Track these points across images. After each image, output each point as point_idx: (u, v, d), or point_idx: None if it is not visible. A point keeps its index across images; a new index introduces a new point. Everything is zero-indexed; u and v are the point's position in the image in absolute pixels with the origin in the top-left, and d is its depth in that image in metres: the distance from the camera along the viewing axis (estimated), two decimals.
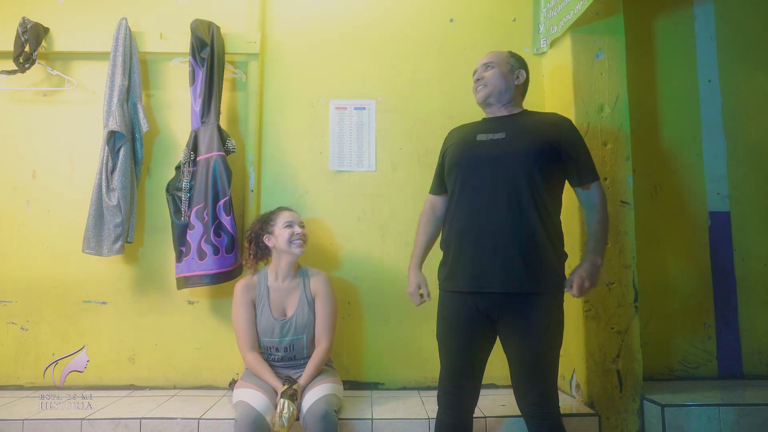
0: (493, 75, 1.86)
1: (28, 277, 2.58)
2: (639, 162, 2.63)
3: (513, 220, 1.67)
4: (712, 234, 2.75)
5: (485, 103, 1.89)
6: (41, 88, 2.67)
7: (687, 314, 2.70)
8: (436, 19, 2.77)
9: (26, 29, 2.52)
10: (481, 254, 1.70)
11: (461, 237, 1.76)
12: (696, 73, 2.83)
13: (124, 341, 2.57)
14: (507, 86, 1.85)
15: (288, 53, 2.73)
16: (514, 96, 1.87)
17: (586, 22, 2.41)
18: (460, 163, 1.82)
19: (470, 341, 1.75)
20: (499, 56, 1.90)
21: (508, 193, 1.69)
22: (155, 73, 2.70)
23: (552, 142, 1.73)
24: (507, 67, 1.87)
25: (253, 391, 1.96)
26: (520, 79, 1.89)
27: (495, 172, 1.73)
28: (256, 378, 2.07)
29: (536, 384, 1.68)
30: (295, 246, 2.16)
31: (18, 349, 2.56)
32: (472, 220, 1.74)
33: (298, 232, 2.17)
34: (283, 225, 2.18)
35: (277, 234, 2.18)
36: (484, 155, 1.77)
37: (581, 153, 1.78)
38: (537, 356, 1.67)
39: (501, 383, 2.55)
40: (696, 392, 2.35)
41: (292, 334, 2.12)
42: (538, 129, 1.78)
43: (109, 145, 2.44)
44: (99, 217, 2.43)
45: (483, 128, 1.86)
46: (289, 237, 2.15)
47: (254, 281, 2.20)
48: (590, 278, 1.70)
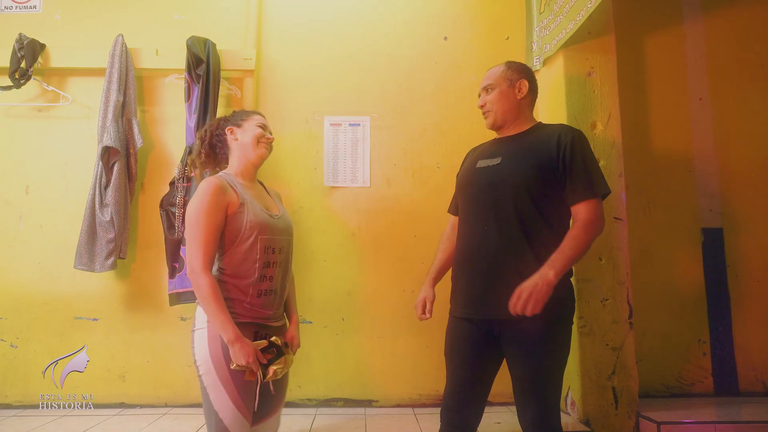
0: (494, 99, 1.82)
1: (18, 293, 2.56)
2: (632, 178, 2.64)
3: (503, 248, 1.67)
4: (705, 250, 2.76)
5: (494, 127, 1.87)
6: (36, 104, 2.67)
7: (681, 330, 2.70)
8: (430, 37, 2.80)
9: (23, 45, 2.53)
10: (473, 282, 1.72)
11: (457, 263, 1.80)
12: (687, 91, 2.86)
13: (115, 358, 2.54)
14: (510, 105, 1.81)
15: (283, 70, 2.75)
16: (521, 110, 1.82)
17: (579, 41, 2.44)
18: (461, 190, 1.87)
19: (473, 360, 1.73)
20: (497, 73, 1.85)
21: (499, 220, 1.69)
22: (150, 89, 2.71)
23: (548, 161, 1.68)
24: (506, 83, 1.82)
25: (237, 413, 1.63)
26: (522, 91, 1.81)
27: (488, 199, 1.73)
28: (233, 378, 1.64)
29: (535, 403, 1.65)
30: (262, 147, 1.86)
31: (7, 367, 2.52)
32: (467, 247, 1.77)
33: (270, 136, 1.89)
34: (256, 123, 1.88)
35: (246, 128, 1.86)
36: (480, 182, 1.78)
37: (576, 170, 1.67)
38: (536, 376, 1.65)
39: (496, 401, 2.52)
40: (692, 409, 2.34)
41: (288, 234, 1.85)
42: (536, 149, 1.72)
43: (103, 161, 2.44)
44: (92, 233, 2.41)
45: (486, 153, 1.86)
46: (259, 136, 1.85)
47: (226, 181, 1.74)
48: (530, 291, 1.52)
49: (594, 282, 2.32)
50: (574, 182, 1.67)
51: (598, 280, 2.33)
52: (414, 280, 2.56)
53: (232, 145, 1.87)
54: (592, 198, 1.65)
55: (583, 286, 2.32)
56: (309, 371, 2.56)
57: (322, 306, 2.60)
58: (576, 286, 2.32)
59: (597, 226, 1.64)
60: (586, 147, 1.70)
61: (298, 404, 2.54)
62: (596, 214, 1.65)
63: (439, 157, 2.69)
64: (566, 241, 1.60)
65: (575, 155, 1.67)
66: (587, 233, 1.61)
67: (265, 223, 1.75)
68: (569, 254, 1.57)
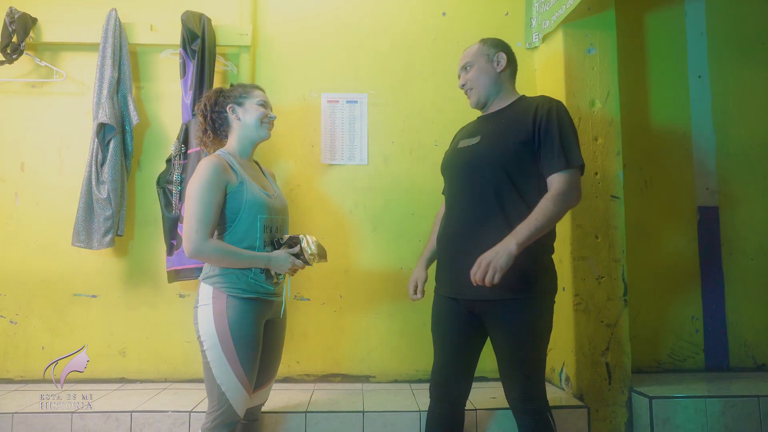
0: (474, 76, 1.81)
1: (17, 270, 2.56)
2: (629, 157, 2.65)
3: (482, 228, 1.67)
4: (701, 228, 2.78)
5: (480, 107, 1.87)
6: (30, 80, 2.63)
7: (675, 308, 2.74)
8: (428, 13, 2.76)
9: (14, 19, 2.48)
10: (453, 261, 1.74)
11: (440, 243, 1.83)
12: (686, 68, 2.85)
13: (115, 334, 2.56)
14: (491, 79, 1.80)
15: (279, 46, 2.72)
16: (502, 84, 1.82)
17: (578, 17, 2.41)
18: (443, 172, 1.90)
19: (458, 336, 1.77)
20: (473, 51, 1.84)
21: (478, 199, 1.70)
22: (145, 65, 2.68)
23: (525, 135, 1.66)
24: (483, 59, 1.81)
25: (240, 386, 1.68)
26: (501, 64, 1.79)
27: (467, 180, 1.75)
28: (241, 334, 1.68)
29: (519, 381, 1.68)
30: (265, 128, 1.87)
31: (7, 343, 2.54)
32: (448, 227, 1.80)
33: (272, 115, 1.89)
34: (257, 102, 1.86)
35: (248, 107, 1.85)
36: (460, 163, 1.80)
37: (550, 140, 1.63)
38: (518, 355, 1.66)
39: (492, 376, 2.56)
40: (683, 384, 2.39)
41: (284, 214, 1.89)
42: (514, 124, 1.70)
43: (98, 138, 2.42)
44: (89, 210, 2.41)
45: (468, 132, 1.87)
46: (261, 116, 1.85)
47: (224, 161, 1.76)
48: (489, 260, 1.51)
49: (590, 260, 2.34)
50: (547, 153, 1.64)
51: (594, 258, 2.35)
52: (411, 258, 2.57)
53: (234, 124, 1.87)
54: (565, 168, 1.61)
55: (579, 263, 2.34)
56: (307, 347, 2.59)
57: (320, 283, 2.62)
58: (572, 264, 2.34)
59: (569, 198, 1.61)
60: (563, 118, 1.67)
61: (296, 380, 2.57)
62: (569, 185, 1.61)
63: (436, 135, 2.68)
64: (534, 211, 1.58)
65: (551, 126, 1.64)
66: (556, 204, 1.58)
67: (263, 202, 1.78)
68: (534, 224, 1.55)
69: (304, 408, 2.12)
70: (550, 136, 1.63)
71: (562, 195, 1.59)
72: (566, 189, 1.60)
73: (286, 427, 2.07)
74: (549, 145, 1.63)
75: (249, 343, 1.69)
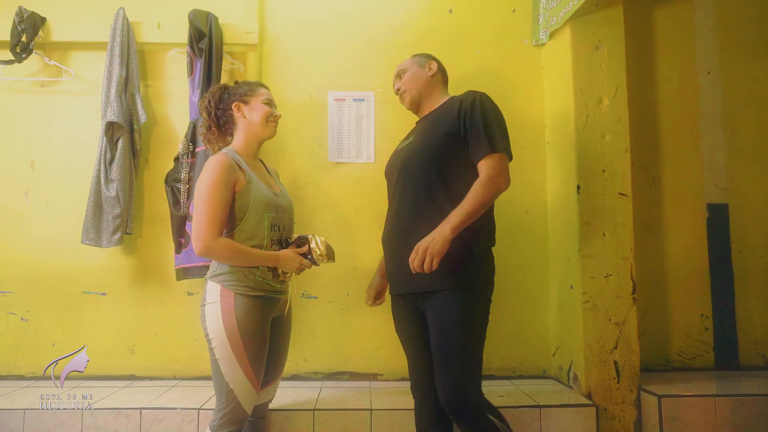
0: (407, 79, 1.94)
1: (27, 267, 2.58)
2: (637, 154, 2.63)
3: (415, 223, 1.71)
4: (710, 226, 2.75)
5: (414, 107, 1.97)
6: (39, 79, 2.65)
7: (684, 306, 2.71)
8: (435, 10, 2.76)
9: (23, 19, 2.50)
10: (394, 259, 1.80)
11: (383, 243, 1.89)
12: (695, 64, 2.82)
13: (124, 332, 2.58)
14: (423, 82, 1.93)
15: (286, 44, 2.72)
16: (433, 86, 1.94)
17: (586, 14, 2.40)
18: (385, 176, 1.99)
19: (416, 333, 1.79)
20: (406, 62, 2.00)
21: (410, 196, 1.75)
22: (153, 63, 2.69)
23: (451, 127, 1.72)
24: (416, 65, 1.96)
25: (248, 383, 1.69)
26: (432, 69, 1.94)
27: (401, 178, 1.81)
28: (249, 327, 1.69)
29: (447, 378, 1.63)
30: (271, 126, 1.87)
31: (18, 340, 2.56)
32: (387, 226, 1.88)
33: (277, 113, 1.89)
34: (263, 100, 1.86)
35: (253, 106, 1.84)
36: (396, 165, 1.87)
37: (475, 128, 1.67)
38: (448, 350, 1.63)
39: (500, 374, 2.56)
40: (693, 383, 2.37)
41: (290, 212, 1.91)
42: (442, 119, 1.78)
43: (107, 136, 2.44)
44: (98, 208, 2.42)
45: (405, 137, 1.97)
46: (267, 115, 1.85)
47: (232, 159, 1.75)
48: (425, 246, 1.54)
49: (598, 258, 2.33)
50: (473, 141, 1.68)
51: (602, 255, 2.34)
52: None
53: (239, 122, 1.87)
54: (492, 153, 1.65)
55: (587, 261, 2.33)
56: (315, 345, 2.59)
57: (327, 281, 2.62)
58: (579, 261, 2.33)
59: (497, 182, 1.64)
60: (487, 106, 1.72)
61: (304, 377, 2.58)
62: (497, 170, 1.65)
63: None
64: (466, 197, 1.62)
65: (474, 114, 1.69)
66: (485, 189, 1.62)
67: (270, 200, 1.79)
68: (466, 209, 1.59)
69: (312, 405, 2.12)
70: (474, 124, 1.68)
71: (490, 180, 1.63)
72: (493, 174, 1.64)
73: (295, 425, 2.07)
74: (474, 132, 1.68)
75: (257, 340, 1.70)
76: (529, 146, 2.70)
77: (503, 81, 2.73)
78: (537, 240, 2.68)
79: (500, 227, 1.74)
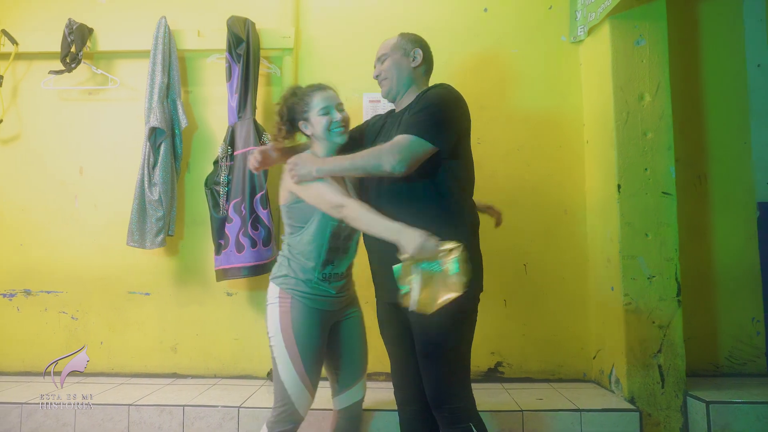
0: (388, 67, 1.77)
1: (76, 268, 2.70)
2: (681, 151, 2.53)
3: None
4: (761, 225, 2.63)
5: (390, 98, 1.81)
6: (87, 87, 2.77)
7: (734, 309, 2.60)
8: (469, 9, 2.73)
9: (72, 30, 2.61)
10: (376, 264, 1.76)
11: (365, 245, 1.81)
12: (744, 57, 2.70)
13: (167, 331, 2.66)
14: (404, 73, 1.76)
15: (321, 47, 2.75)
16: (415, 79, 1.77)
17: (626, 8, 2.33)
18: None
19: (399, 338, 1.75)
20: (390, 44, 1.79)
21: (379, 199, 1.66)
22: (193, 69, 2.77)
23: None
24: (400, 52, 1.77)
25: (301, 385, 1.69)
26: (417, 59, 1.76)
27: (369, 182, 1.73)
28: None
29: (431, 382, 1.61)
30: (336, 134, 1.77)
31: (69, 338, 2.68)
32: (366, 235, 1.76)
33: (338, 117, 1.77)
34: (319, 112, 1.77)
35: (313, 122, 1.78)
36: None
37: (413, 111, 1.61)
38: (430, 355, 1.60)
39: (538, 377, 2.52)
40: (743, 389, 2.27)
41: None
42: (406, 112, 1.68)
43: (150, 141, 2.52)
44: (142, 211, 2.51)
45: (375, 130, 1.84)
46: (327, 125, 1.76)
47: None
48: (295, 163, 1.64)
49: (640, 259, 2.26)
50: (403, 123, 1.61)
51: (645, 256, 2.27)
52: None
53: (310, 135, 1.83)
54: (405, 133, 1.56)
55: (629, 263, 2.27)
56: None
57: (363, 283, 2.60)
58: (621, 263, 2.27)
59: (385, 155, 1.53)
60: (436, 96, 1.64)
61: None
62: (394, 146, 1.54)
63: (480, 133, 2.63)
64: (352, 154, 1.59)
65: (420, 101, 1.63)
66: (371, 155, 1.56)
67: None
68: (340, 162, 1.61)
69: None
70: (414, 109, 1.62)
71: (381, 150, 1.55)
72: (388, 147, 1.54)
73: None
74: (412, 113, 1.61)
75: (311, 344, 1.70)
76: (566, 145, 2.64)
77: (540, 79, 2.68)
78: (576, 241, 2.62)
79: (538, 228, 1.71)
